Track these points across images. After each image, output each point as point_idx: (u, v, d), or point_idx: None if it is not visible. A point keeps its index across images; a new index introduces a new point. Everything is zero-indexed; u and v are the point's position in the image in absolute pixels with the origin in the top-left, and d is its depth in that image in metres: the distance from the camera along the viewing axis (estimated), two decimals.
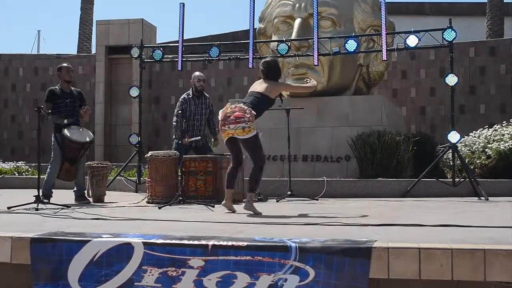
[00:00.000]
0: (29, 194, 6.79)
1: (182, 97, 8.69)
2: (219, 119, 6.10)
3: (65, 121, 7.50)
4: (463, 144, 9.63)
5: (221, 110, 6.18)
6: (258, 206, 7.13)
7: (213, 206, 6.66)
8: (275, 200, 7.82)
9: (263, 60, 6.60)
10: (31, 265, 3.88)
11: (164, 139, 14.57)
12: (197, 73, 8.86)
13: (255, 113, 6.00)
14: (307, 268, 3.48)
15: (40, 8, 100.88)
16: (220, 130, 6.16)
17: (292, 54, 9.77)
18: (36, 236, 3.98)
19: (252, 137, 5.98)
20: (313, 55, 9.40)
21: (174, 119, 8.45)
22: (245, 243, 3.62)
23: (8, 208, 6.32)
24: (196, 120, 8.53)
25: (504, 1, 16.89)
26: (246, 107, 5.99)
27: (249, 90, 6.36)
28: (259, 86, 6.29)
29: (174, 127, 8.41)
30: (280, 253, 3.53)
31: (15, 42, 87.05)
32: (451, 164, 8.71)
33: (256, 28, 10.74)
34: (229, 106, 6.10)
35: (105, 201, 7.91)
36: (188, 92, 8.71)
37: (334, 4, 10.27)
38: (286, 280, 3.49)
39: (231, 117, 5.92)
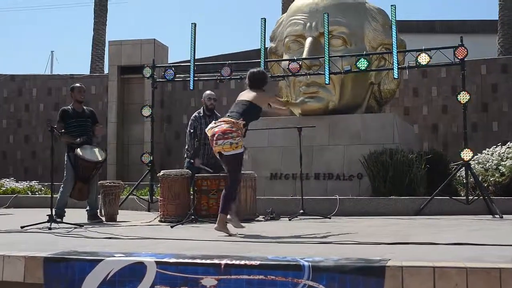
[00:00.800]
0: (42, 214, 6.82)
1: (193, 115, 8.74)
2: (209, 136, 5.93)
3: (78, 140, 7.55)
4: (476, 161, 9.57)
5: (207, 129, 6.01)
6: (271, 224, 7.12)
7: None
8: (287, 219, 7.79)
9: (250, 70, 6.42)
10: (44, 285, 3.89)
11: (176, 158, 14.59)
12: (208, 91, 8.90)
13: (244, 122, 5.86)
14: (321, 287, 3.45)
15: (54, 29, 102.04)
16: (212, 147, 5.96)
17: (304, 73, 9.79)
18: (49, 256, 3.99)
19: (237, 154, 5.78)
20: (324, 74, 9.42)
21: (187, 139, 8.53)
22: (258, 262, 3.61)
23: (21, 227, 6.35)
24: (208, 139, 8.52)
25: None
26: (234, 120, 5.83)
27: (237, 99, 6.22)
28: (246, 94, 6.17)
29: (187, 146, 8.49)
30: (293, 272, 3.52)
31: (28, 63, 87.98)
32: (464, 181, 8.64)
33: (267, 47, 10.79)
34: (214, 124, 5.92)
35: (117, 220, 7.92)
36: (199, 110, 8.75)
37: (345, 23, 10.31)
38: None
39: (219, 132, 5.76)
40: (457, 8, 55.03)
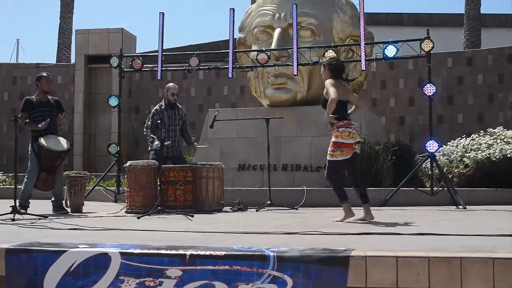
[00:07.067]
0: (6, 205, 6.70)
1: (154, 108, 8.68)
2: (349, 142, 6.23)
3: (40, 125, 7.37)
4: (441, 153, 9.71)
5: (348, 140, 6.28)
6: (238, 215, 7.13)
7: (192, 216, 6.62)
8: (255, 210, 7.81)
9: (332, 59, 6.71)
10: (5, 277, 3.82)
11: (144, 148, 14.40)
12: (171, 85, 8.72)
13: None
14: (285, 277, 3.47)
15: (19, 17, 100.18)
16: (351, 147, 6.24)
17: (272, 64, 9.79)
18: (10, 247, 3.92)
19: None
20: (292, 65, 9.43)
21: (145, 132, 8.47)
22: (223, 253, 3.61)
23: None
24: (170, 131, 8.47)
25: (481, 12, 17.11)
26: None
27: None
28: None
29: (149, 140, 8.42)
30: (258, 262, 3.52)
31: None
32: (429, 173, 8.77)
33: (236, 38, 10.76)
34: (353, 132, 6.26)
35: (83, 211, 7.83)
36: (161, 103, 8.68)
37: (313, 14, 10.33)
38: None
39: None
40: (425, 1, 55.67)
